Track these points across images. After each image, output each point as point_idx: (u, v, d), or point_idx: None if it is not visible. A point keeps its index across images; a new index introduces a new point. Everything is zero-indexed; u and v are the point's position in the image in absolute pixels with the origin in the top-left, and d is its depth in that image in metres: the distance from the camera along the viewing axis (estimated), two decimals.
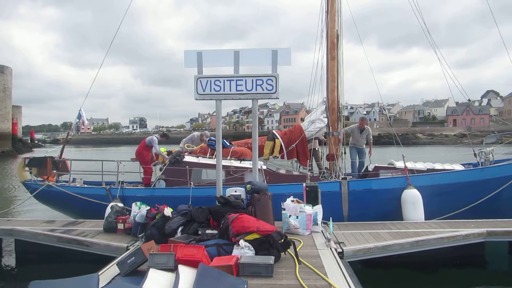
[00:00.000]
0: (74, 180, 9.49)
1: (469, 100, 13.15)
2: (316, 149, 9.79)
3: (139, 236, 6.14)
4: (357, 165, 9.81)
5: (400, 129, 74.18)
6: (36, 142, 77.22)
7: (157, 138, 9.54)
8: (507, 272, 6.73)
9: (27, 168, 9.11)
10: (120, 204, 7.47)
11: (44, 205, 9.71)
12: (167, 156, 9.18)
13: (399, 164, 8.42)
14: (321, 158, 9.81)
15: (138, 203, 6.85)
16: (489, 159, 8.33)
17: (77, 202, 8.36)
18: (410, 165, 8.37)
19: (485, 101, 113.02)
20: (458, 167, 8.70)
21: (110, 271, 4.63)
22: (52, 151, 10.22)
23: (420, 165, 8.64)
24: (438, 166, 8.72)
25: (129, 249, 5.67)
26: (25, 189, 9.36)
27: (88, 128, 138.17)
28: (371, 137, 10.02)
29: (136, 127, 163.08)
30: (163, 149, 9.62)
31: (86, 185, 9.31)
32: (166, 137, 10.12)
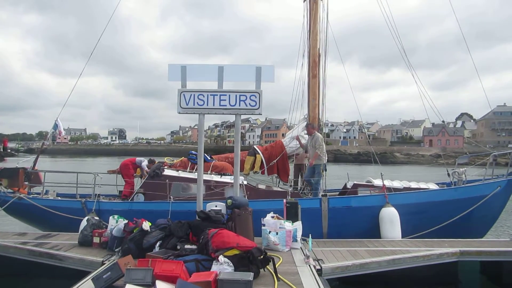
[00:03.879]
0: (47, 192, 9.19)
1: (443, 121, 13.62)
2: (306, 164, 9.84)
3: (116, 250, 6.01)
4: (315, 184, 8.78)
5: (378, 147, 75.71)
6: (9, 151, 74.58)
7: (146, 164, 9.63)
8: None
9: None
10: (96, 218, 7.29)
11: (14, 218, 9.35)
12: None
13: (377, 182, 8.59)
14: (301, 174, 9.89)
15: (116, 216, 6.70)
16: (462, 179, 8.63)
17: (49, 215, 8.07)
18: (387, 183, 8.55)
19: (459, 123, 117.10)
20: (432, 186, 8.95)
21: (85, 286, 4.50)
22: (25, 162, 9.90)
23: (397, 184, 8.84)
24: (414, 184, 8.95)
25: (104, 263, 5.53)
26: None
27: (65, 138, 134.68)
28: (321, 145, 8.74)
29: (115, 138, 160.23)
30: None
31: (59, 198, 9.04)
32: (153, 163, 10.01)
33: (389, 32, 9.83)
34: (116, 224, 6.44)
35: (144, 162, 9.56)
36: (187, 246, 5.41)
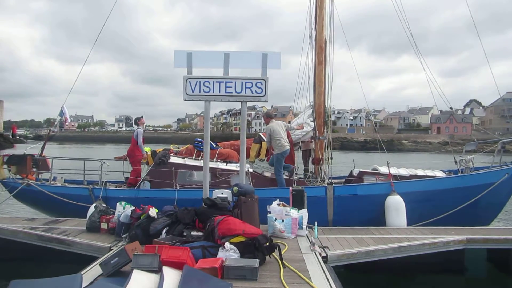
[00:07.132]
0: (54, 178, 9.29)
1: (451, 108, 13.35)
2: (312, 150, 9.75)
3: (123, 236, 6.08)
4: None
5: (385, 135, 75.26)
6: (18, 137, 75.40)
7: (141, 129, 9.61)
8: (485, 279, 6.92)
9: (5, 166, 8.89)
10: (104, 205, 7.36)
11: (23, 204, 9.49)
12: (144, 150, 9.14)
13: (383, 169, 8.53)
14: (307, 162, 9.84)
15: (123, 203, 6.76)
16: (469, 167, 8.53)
17: (57, 202, 8.17)
18: (393, 171, 8.48)
19: (467, 110, 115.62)
20: (439, 173, 8.87)
21: (92, 271, 4.56)
22: (32, 148, 9.99)
23: (403, 171, 8.78)
24: (420, 172, 8.88)
25: (112, 249, 5.60)
26: (3, 188, 9.11)
27: (72, 125, 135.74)
28: (271, 136, 8.55)
29: (122, 125, 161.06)
30: (147, 149, 9.55)
31: (67, 184, 9.13)
32: (139, 119, 10.02)
33: (401, 17, 9.60)
34: (123, 210, 6.50)
35: (139, 132, 9.52)
36: (193, 233, 5.45)
